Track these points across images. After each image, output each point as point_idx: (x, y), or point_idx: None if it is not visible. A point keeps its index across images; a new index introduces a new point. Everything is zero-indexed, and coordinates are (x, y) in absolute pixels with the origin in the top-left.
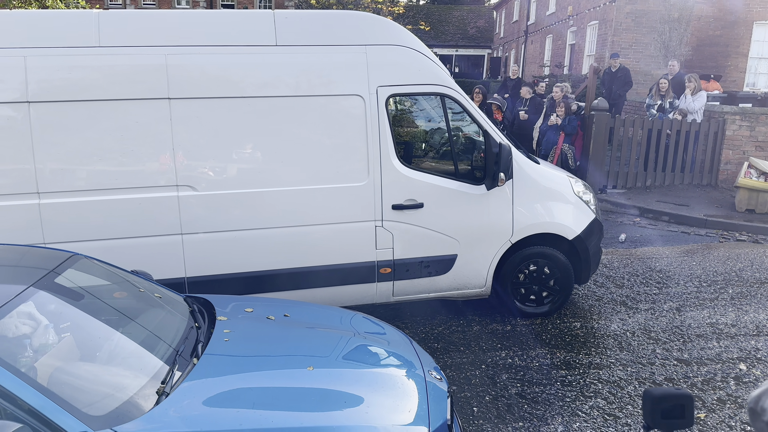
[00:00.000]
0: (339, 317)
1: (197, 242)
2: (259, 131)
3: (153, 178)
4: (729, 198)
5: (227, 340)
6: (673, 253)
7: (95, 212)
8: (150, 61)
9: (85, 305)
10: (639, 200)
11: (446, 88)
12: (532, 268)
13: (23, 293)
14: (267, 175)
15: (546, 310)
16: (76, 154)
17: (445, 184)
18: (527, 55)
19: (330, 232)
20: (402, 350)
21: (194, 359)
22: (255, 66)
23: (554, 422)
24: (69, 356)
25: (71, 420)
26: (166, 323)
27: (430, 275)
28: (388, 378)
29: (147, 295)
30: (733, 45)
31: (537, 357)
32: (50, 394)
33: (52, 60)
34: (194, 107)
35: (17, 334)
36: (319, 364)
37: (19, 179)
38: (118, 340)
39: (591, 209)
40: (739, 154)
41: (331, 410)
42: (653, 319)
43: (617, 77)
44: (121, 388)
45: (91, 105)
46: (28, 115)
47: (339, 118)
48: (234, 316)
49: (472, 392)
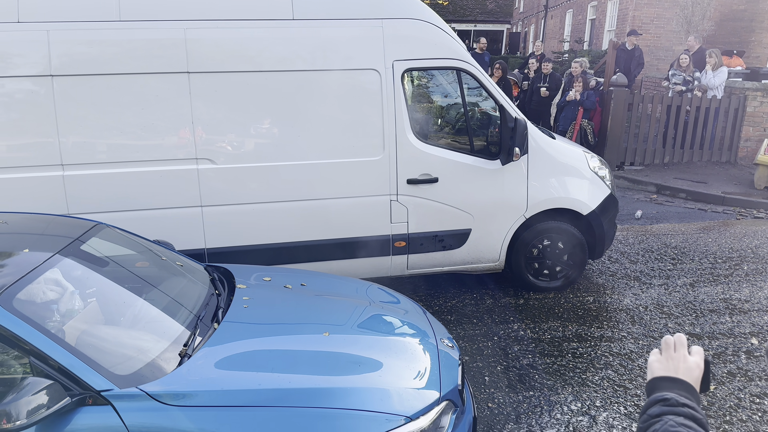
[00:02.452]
0: (355, 287)
1: (216, 214)
2: (276, 105)
3: (173, 151)
4: (748, 175)
5: (246, 306)
6: (689, 230)
7: (117, 184)
8: (169, 35)
9: (109, 272)
10: (656, 177)
11: (462, 62)
12: (546, 242)
13: (50, 260)
14: (284, 148)
15: (559, 284)
16: (98, 127)
17: (459, 159)
18: (547, 30)
19: (345, 206)
20: (415, 319)
21: (215, 324)
22: (272, 40)
23: (564, 392)
24: (95, 320)
25: (98, 378)
26: (188, 290)
27: (444, 249)
28: (402, 345)
29: (169, 264)
30: (757, 20)
31: (549, 330)
32: (79, 354)
33: (74, 34)
34: (213, 81)
35: (45, 299)
36: (335, 330)
37: (44, 152)
38: (142, 305)
39: (606, 185)
40: (760, 131)
41: (346, 374)
42: (666, 295)
43: (634, 56)
44: (145, 351)
45: (112, 79)
46: (51, 88)
47: (355, 92)
48: (253, 284)
49: (484, 362)
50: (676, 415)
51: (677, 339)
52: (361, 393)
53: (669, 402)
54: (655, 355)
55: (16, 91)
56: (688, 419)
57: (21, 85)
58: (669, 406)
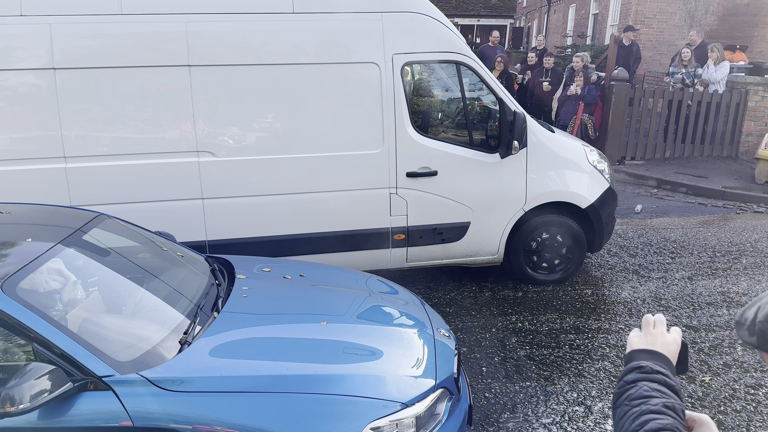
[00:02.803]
0: (354, 278)
1: (217, 207)
2: (276, 99)
3: (174, 144)
4: (749, 170)
5: (245, 296)
6: (689, 224)
7: (119, 176)
8: (170, 29)
9: (110, 262)
10: (657, 171)
11: (462, 56)
12: (544, 236)
13: (52, 249)
14: (284, 142)
15: (558, 277)
16: (99, 120)
17: (459, 152)
18: (550, 25)
19: (345, 199)
20: (413, 310)
21: (214, 313)
22: (272, 34)
23: (560, 382)
24: (97, 309)
25: (99, 364)
26: (188, 280)
27: (444, 242)
28: (399, 334)
29: (170, 254)
30: (761, 14)
31: (546, 322)
32: (80, 340)
33: (76, 27)
34: (213, 74)
35: (48, 287)
36: (332, 319)
37: (47, 144)
38: (143, 294)
39: (605, 178)
40: (761, 126)
41: (342, 361)
42: (664, 288)
43: (632, 52)
44: (146, 339)
45: (113, 72)
46: (54, 81)
47: (355, 85)
48: (252, 274)
49: (481, 353)
50: (651, 381)
51: (657, 318)
52: (358, 380)
53: (644, 369)
54: (635, 332)
55: (19, 85)
56: (662, 385)
57: (24, 78)
58: (644, 373)
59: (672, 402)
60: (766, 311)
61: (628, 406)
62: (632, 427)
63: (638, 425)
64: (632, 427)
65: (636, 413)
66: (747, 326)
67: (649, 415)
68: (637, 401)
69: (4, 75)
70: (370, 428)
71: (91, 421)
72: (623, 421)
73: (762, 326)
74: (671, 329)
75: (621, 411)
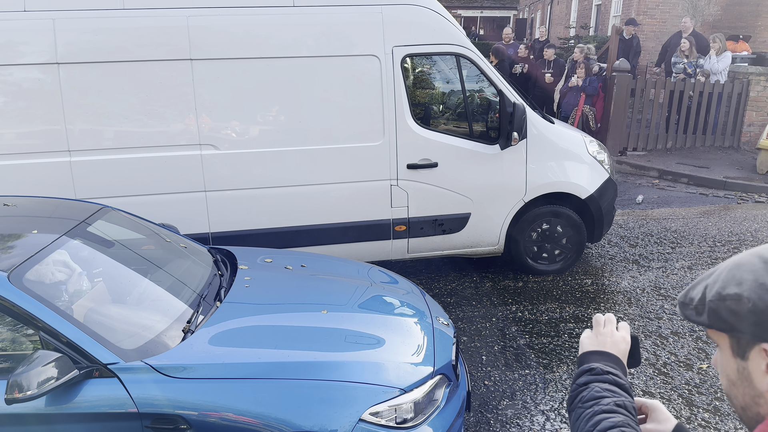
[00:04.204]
0: (355, 268)
1: (220, 199)
2: (277, 92)
3: (177, 137)
4: (751, 160)
5: (248, 286)
6: (690, 214)
7: (123, 170)
8: (172, 23)
9: (115, 253)
10: (659, 162)
11: (461, 48)
12: (544, 226)
13: (57, 241)
14: (285, 134)
15: (558, 267)
16: (103, 114)
17: (459, 144)
18: (553, 16)
19: (346, 191)
20: (413, 300)
21: (217, 303)
22: (272, 27)
23: (559, 370)
24: (101, 299)
25: (105, 352)
26: (191, 271)
27: (444, 233)
28: (398, 322)
29: (173, 246)
30: (764, 4)
31: (546, 311)
32: (86, 329)
33: (79, 22)
34: (215, 68)
35: (54, 278)
36: (333, 308)
37: (51, 138)
38: (147, 285)
39: (605, 169)
40: (763, 116)
41: (342, 349)
42: (664, 277)
43: (632, 45)
44: (150, 328)
45: (116, 66)
46: (57, 76)
47: (355, 78)
48: (254, 265)
49: (481, 342)
50: (602, 382)
51: (606, 317)
52: (357, 366)
53: (594, 371)
54: (586, 333)
55: (24, 80)
56: (612, 385)
57: (28, 73)
58: (594, 375)
59: (623, 400)
60: (715, 290)
61: (582, 408)
62: (586, 427)
63: (592, 426)
64: (586, 428)
65: (589, 414)
66: (694, 306)
67: (601, 414)
68: (590, 402)
69: (8, 70)
70: (370, 413)
71: (96, 407)
72: (578, 423)
73: (713, 305)
74: (619, 326)
75: (576, 414)
